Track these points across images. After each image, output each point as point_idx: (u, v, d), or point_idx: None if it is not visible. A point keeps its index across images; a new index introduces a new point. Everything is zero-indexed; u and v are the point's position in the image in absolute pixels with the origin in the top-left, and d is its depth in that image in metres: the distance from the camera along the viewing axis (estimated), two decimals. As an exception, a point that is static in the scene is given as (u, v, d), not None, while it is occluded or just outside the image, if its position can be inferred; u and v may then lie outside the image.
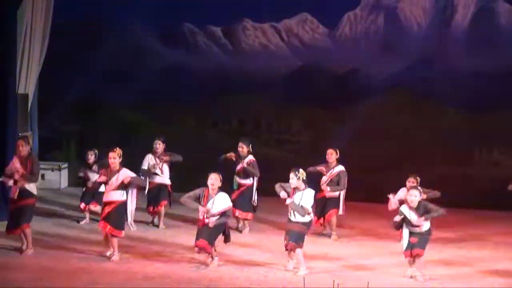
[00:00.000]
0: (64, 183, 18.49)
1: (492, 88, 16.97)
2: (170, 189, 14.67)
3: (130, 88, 18.57)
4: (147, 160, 14.44)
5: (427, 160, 16.37)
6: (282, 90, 18.32)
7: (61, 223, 14.55)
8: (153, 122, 17.26)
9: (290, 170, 11.59)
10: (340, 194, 14.08)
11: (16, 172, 12.00)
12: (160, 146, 14.52)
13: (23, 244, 12.30)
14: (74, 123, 18.46)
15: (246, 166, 13.98)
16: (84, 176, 14.59)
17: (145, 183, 13.68)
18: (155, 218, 14.76)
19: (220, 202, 11.57)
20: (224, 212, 11.57)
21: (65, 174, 18.28)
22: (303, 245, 11.55)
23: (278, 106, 18.37)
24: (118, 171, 11.94)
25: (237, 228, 14.19)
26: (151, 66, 18.83)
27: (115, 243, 12.08)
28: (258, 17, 18.76)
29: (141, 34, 19.03)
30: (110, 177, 11.96)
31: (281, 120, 18.38)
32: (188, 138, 15.68)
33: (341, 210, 14.10)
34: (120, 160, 12.00)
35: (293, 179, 11.44)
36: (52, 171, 18.11)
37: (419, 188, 11.71)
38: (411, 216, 11.23)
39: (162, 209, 14.67)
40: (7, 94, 14.71)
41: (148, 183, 14.41)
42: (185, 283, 10.86)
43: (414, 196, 11.32)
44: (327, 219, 14.08)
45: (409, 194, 11.41)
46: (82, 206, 14.57)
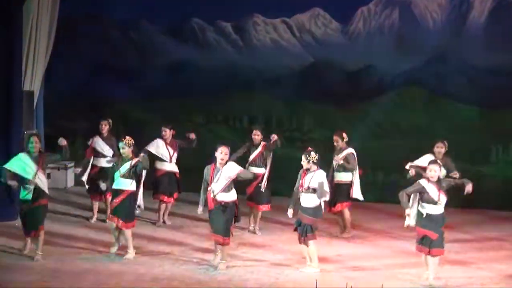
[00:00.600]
0: (70, 182, 18.46)
1: (509, 85, 16.84)
2: (178, 176, 14.85)
3: (138, 85, 18.54)
4: (155, 144, 14.55)
5: (442, 158, 16.29)
6: (294, 86, 18.24)
7: (67, 223, 14.52)
8: (161, 120, 17.14)
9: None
10: (353, 179, 14.09)
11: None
12: (167, 132, 14.65)
13: (26, 247, 12.17)
14: (80, 121, 18.42)
15: (268, 145, 13.98)
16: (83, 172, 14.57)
17: (147, 163, 13.44)
18: (162, 212, 14.84)
19: (229, 171, 11.40)
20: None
21: (71, 173, 18.23)
22: (316, 236, 11.68)
23: (290, 103, 18.31)
24: (131, 159, 12.18)
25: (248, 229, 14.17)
26: (159, 63, 18.79)
27: (129, 237, 12.22)
28: (269, 12, 18.64)
29: (149, 30, 18.97)
30: (122, 164, 12.16)
31: (292, 118, 18.31)
32: (197, 135, 15.57)
33: (355, 193, 14.11)
34: (132, 149, 12.27)
35: (303, 162, 11.66)
36: (58, 170, 18.09)
37: (439, 162, 11.28)
38: (430, 189, 10.86)
39: (172, 202, 14.94)
40: (13, 91, 14.70)
41: (157, 170, 14.63)
42: (193, 285, 10.81)
43: (434, 171, 10.93)
44: (337, 209, 14.13)
45: (428, 168, 10.99)
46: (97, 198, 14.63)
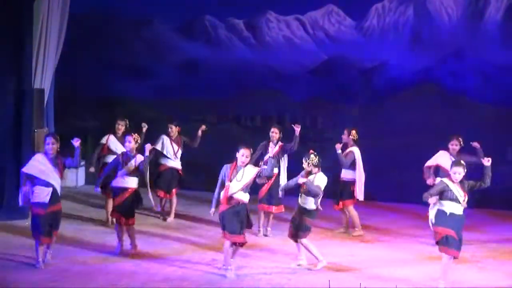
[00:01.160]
0: (81, 181, 18.53)
1: (527, 83, 16.85)
2: (180, 173, 15.11)
3: (149, 83, 18.60)
4: (161, 140, 14.88)
5: (457, 158, 16.25)
6: (307, 84, 18.26)
7: (77, 222, 14.57)
8: (173, 118, 17.21)
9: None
10: (356, 177, 14.24)
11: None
12: (172, 129, 14.95)
13: (42, 256, 11.59)
14: (91, 119, 18.49)
15: (284, 146, 14.03)
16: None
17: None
18: (165, 203, 15.16)
19: (250, 172, 11.24)
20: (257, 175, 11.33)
21: (82, 172, 18.30)
22: (307, 235, 11.88)
23: (303, 101, 18.32)
24: (135, 156, 12.35)
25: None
26: (170, 60, 18.84)
27: (132, 233, 12.42)
28: (282, 9, 18.67)
29: (160, 27, 19.02)
30: (127, 161, 12.34)
31: (305, 116, 18.30)
32: (210, 134, 15.62)
33: (357, 193, 14.25)
34: (137, 146, 12.47)
35: (304, 165, 11.86)
36: (69, 168, 18.08)
37: (463, 162, 10.96)
38: (456, 189, 10.66)
39: (174, 198, 15.11)
40: (23, 89, 14.78)
41: (160, 165, 14.97)
42: (204, 285, 10.83)
43: (459, 173, 10.70)
44: (339, 207, 14.39)
45: (452, 171, 10.74)
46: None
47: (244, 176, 11.15)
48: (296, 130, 14.00)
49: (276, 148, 13.94)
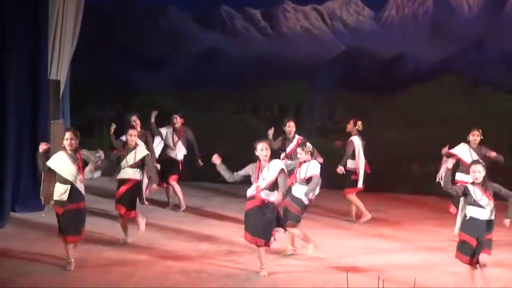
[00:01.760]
0: (97, 173, 18.59)
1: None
2: (180, 164, 15.15)
3: (166, 74, 18.64)
4: (164, 130, 15.01)
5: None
6: (325, 75, 18.27)
7: (93, 214, 14.64)
8: (190, 109, 17.26)
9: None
10: (359, 166, 14.27)
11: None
12: (177, 120, 15.05)
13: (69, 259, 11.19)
14: (108, 110, 18.57)
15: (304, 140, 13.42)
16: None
17: (154, 163, 13.71)
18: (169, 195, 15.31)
19: (275, 168, 10.92)
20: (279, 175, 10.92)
21: (98, 164, 18.36)
22: (297, 225, 11.90)
23: (321, 92, 18.32)
24: (135, 148, 12.53)
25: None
26: (187, 51, 18.88)
27: (126, 226, 12.63)
28: (299, -2, 18.71)
29: (176, 18, 19.07)
30: (128, 153, 12.52)
31: (323, 107, 18.32)
32: (227, 125, 15.70)
33: (360, 183, 14.31)
34: (137, 138, 12.70)
35: (301, 154, 11.82)
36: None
37: (482, 162, 10.50)
38: (476, 194, 10.08)
39: (176, 187, 15.12)
40: (39, 80, 14.81)
41: (164, 155, 15.07)
42: (222, 278, 10.88)
43: (479, 172, 10.10)
44: (344, 195, 14.44)
45: (472, 170, 10.19)
46: None
47: (269, 173, 10.86)
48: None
49: (294, 143, 13.64)
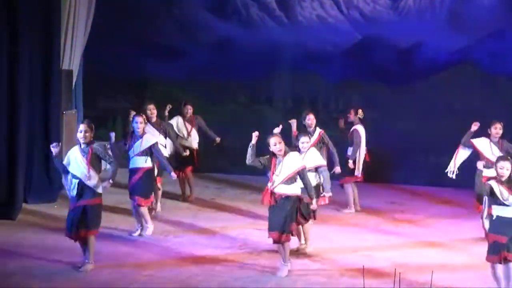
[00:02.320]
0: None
1: None
2: (196, 153, 15.10)
3: (179, 64, 18.60)
4: (175, 121, 14.96)
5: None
6: (341, 65, 18.20)
7: (107, 205, 14.64)
8: (203, 100, 17.27)
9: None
10: (358, 155, 14.37)
11: None
12: (189, 110, 15.10)
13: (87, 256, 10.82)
14: (121, 101, 18.56)
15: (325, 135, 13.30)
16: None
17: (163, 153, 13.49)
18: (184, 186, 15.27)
19: (293, 163, 10.65)
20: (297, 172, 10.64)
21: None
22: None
23: (336, 82, 18.26)
24: (142, 136, 12.56)
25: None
26: (201, 40, 18.82)
27: (146, 214, 12.60)
28: (315, -13, 18.63)
29: (190, 6, 19.01)
30: (134, 142, 12.56)
31: (339, 98, 18.26)
32: (241, 116, 15.67)
33: (358, 172, 14.38)
34: (145, 126, 12.70)
35: (308, 143, 11.72)
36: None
37: (510, 158, 9.99)
38: (503, 192, 9.65)
39: (191, 177, 15.17)
40: (51, 70, 14.84)
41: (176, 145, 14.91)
42: (236, 270, 10.90)
43: (507, 169, 9.67)
44: (342, 183, 14.46)
45: (498, 166, 9.78)
46: None
47: (284, 168, 10.60)
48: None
49: (315, 136, 13.16)
